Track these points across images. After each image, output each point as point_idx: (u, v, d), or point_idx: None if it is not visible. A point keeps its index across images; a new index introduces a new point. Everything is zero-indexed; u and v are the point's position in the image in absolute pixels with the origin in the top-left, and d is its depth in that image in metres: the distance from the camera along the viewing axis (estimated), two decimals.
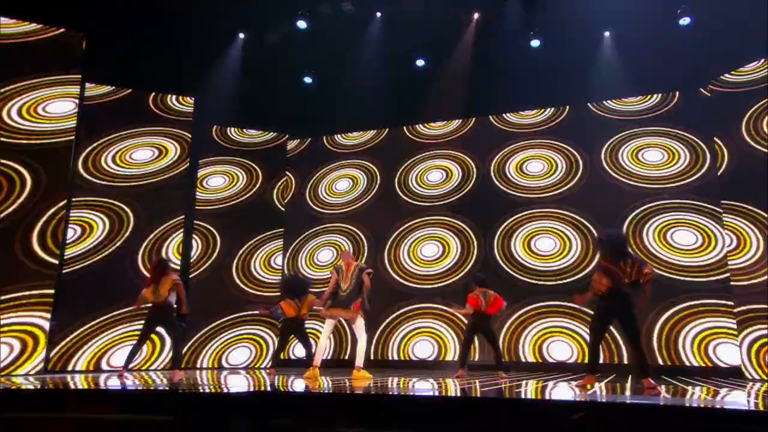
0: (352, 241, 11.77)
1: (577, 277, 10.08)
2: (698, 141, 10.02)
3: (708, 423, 3.08)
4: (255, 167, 11.63)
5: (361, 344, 6.35)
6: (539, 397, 4.33)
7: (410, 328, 10.88)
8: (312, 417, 3.52)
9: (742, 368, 8.32)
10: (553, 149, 11.12)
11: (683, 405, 3.49)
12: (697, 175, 9.84)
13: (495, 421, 3.35)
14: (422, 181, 11.82)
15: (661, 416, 3.18)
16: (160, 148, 10.01)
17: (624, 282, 5.25)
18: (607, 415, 3.25)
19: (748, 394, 5.16)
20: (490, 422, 3.34)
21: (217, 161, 11.41)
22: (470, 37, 11.42)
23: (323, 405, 3.74)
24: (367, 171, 12.28)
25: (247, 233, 11.21)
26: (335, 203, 12.23)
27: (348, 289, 6.30)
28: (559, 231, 10.52)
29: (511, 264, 10.57)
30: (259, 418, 3.52)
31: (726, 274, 8.94)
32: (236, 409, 3.61)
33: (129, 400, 4.16)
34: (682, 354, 9.18)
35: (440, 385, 5.61)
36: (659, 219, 9.86)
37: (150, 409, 3.75)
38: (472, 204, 11.26)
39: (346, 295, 6.33)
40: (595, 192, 10.48)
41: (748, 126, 8.84)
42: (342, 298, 6.37)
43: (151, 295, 6.63)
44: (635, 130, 10.54)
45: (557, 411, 3.49)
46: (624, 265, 5.28)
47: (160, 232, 9.61)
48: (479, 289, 7.50)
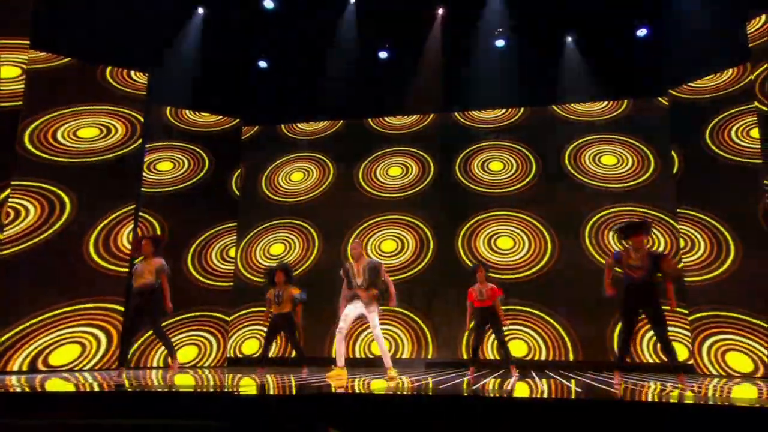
0: (302, 237, 11.32)
1: (531, 272, 10.24)
2: (655, 148, 10.40)
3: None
4: (208, 153, 10.93)
5: (381, 342, 6.00)
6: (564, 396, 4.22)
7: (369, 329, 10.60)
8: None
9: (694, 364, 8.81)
10: (512, 150, 11.22)
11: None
12: (652, 180, 10.23)
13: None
14: (383, 174, 11.57)
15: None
16: (108, 126, 9.12)
17: (631, 271, 5.39)
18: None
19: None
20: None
21: (169, 145, 10.60)
22: (437, 33, 11.33)
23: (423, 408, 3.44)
24: (323, 162, 11.87)
25: (198, 222, 10.50)
26: (292, 193, 11.72)
27: (363, 284, 5.90)
28: (516, 230, 10.63)
29: (473, 261, 10.56)
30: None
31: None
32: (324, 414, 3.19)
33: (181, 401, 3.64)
34: (641, 351, 9.52)
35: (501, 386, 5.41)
36: (617, 222, 10.19)
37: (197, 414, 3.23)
38: (430, 199, 11.16)
39: (361, 290, 5.91)
40: (553, 193, 10.67)
41: (704, 135, 9.33)
42: (358, 293, 5.93)
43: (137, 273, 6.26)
44: (596, 136, 10.84)
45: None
46: (634, 254, 5.42)
47: (107, 219, 8.75)
48: (480, 284, 7.36)
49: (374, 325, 5.90)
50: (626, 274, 5.56)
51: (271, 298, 7.65)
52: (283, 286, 7.66)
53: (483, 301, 7.17)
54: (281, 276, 7.67)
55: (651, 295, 5.41)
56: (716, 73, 9.47)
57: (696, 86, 9.72)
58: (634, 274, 5.46)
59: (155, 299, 6.29)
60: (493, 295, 7.20)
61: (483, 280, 7.32)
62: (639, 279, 5.42)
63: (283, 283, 7.67)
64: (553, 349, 9.89)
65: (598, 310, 9.66)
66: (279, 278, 7.66)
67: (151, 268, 6.32)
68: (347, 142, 11.96)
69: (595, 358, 9.62)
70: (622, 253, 5.65)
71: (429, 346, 10.41)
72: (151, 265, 6.37)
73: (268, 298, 7.69)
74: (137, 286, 6.34)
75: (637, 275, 5.43)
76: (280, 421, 3.54)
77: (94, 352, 8.27)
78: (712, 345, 8.68)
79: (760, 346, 8.20)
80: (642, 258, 5.47)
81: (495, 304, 7.22)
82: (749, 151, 8.79)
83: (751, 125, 8.82)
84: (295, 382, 5.48)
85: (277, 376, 6.58)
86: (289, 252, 11.25)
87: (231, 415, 3.72)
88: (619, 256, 5.68)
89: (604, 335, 9.64)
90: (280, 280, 7.66)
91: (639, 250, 5.52)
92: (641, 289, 5.42)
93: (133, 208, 8.99)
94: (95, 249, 8.53)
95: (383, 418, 3.46)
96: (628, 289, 5.54)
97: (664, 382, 6.22)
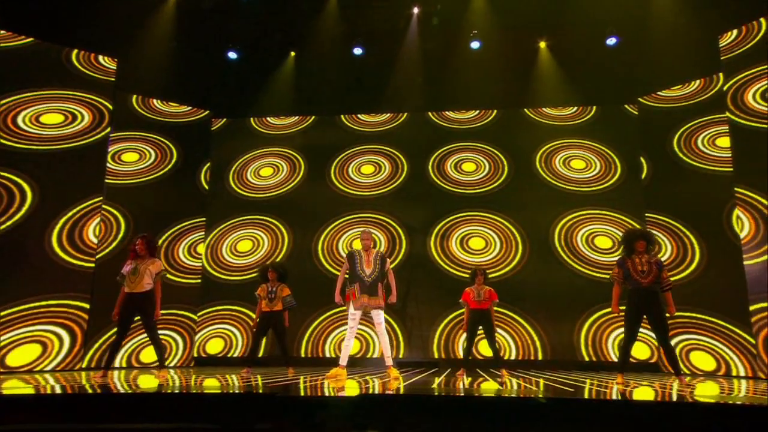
0: (271, 234, 11.06)
1: (502, 272, 10.37)
2: (625, 153, 10.70)
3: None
4: (176, 144, 10.51)
5: (386, 340, 5.88)
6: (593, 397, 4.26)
7: (341, 327, 10.49)
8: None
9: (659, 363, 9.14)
10: (485, 151, 11.32)
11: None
12: (621, 185, 10.53)
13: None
14: (355, 172, 11.45)
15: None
16: (74, 113, 8.61)
17: (639, 277, 5.52)
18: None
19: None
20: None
21: (135, 135, 10.12)
22: (413, 32, 11.29)
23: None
24: (293, 158, 11.63)
25: (166, 217, 10.09)
26: (261, 188, 11.43)
27: (372, 275, 5.77)
28: (487, 231, 10.74)
29: (446, 261, 10.60)
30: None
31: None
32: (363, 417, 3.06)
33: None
34: (606, 351, 9.79)
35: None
36: (588, 226, 10.45)
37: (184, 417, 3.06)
38: (403, 198, 11.12)
39: (371, 281, 5.79)
40: (524, 194, 10.83)
41: (672, 142, 9.69)
42: (367, 283, 5.80)
43: (129, 277, 5.79)
44: (568, 140, 11.07)
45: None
46: (639, 260, 5.55)
47: (72, 211, 8.26)
48: (477, 285, 7.35)
49: (379, 322, 5.81)
50: (633, 280, 5.66)
51: (262, 295, 7.42)
52: (276, 283, 7.48)
53: (480, 302, 7.19)
54: (274, 273, 7.49)
55: (656, 301, 5.55)
56: (685, 83, 9.86)
57: (665, 95, 10.09)
58: (642, 280, 5.59)
59: (152, 303, 5.89)
60: (490, 297, 7.23)
61: (481, 283, 7.33)
62: (646, 285, 5.56)
63: (276, 280, 7.47)
64: (523, 348, 10.04)
65: (568, 310, 9.91)
66: (272, 275, 7.48)
67: (149, 271, 5.90)
68: (319, 138, 11.76)
69: (564, 357, 9.84)
70: (626, 260, 5.77)
71: (400, 346, 10.37)
72: (147, 267, 5.93)
73: (259, 295, 7.46)
74: (134, 291, 5.83)
75: (646, 281, 5.57)
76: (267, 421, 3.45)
77: (56, 352, 7.79)
78: (677, 345, 9.01)
79: (723, 345, 8.58)
80: (649, 264, 5.62)
81: (491, 307, 7.26)
82: (715, 158, 9.19)
83: (718, 134, 9.22)
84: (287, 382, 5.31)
85: (266, 376, 6.38)
86: (257, 249, 10.97)
87: (218, 417, 3.61)
88: (623, 262, 5.81)
89: (572, 335, 9.86)
90: (273, 278, 7.48)
91: (643, 255, 5.66)
92: (647, 295, 5.56)
93: (100, 200, 8.51)
94: (59, 242, 8.04)
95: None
96: (633, 295, 5.67)
97: (662, 382, 6.39)
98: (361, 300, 5.76)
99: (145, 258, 5.99)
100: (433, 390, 4.42)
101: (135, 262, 5.95)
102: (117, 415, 3.81)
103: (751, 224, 7.67)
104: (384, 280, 5.95)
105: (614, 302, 5.94)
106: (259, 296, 7.50)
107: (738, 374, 8.32)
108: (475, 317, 7.23)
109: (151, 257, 6.02)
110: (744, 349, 8.34)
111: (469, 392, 4.09)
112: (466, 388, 4.80)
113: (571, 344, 9.85)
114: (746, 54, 8.12)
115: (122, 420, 3.72)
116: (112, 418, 3.77)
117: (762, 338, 7.46)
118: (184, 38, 10.18)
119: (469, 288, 7.40)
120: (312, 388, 4.37)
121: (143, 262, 5.95)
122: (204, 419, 3.55)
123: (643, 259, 5.68)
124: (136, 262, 5.94)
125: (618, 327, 9.71)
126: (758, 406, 3.00)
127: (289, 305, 7.45)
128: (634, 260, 5.71)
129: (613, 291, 5.94)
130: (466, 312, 7.37)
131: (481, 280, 7.30)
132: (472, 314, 7.26)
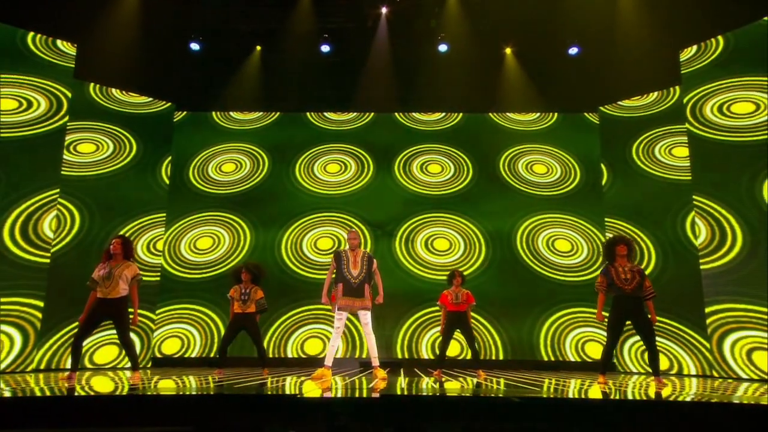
0: (232, 232, 10.81)
1: (466, 273, 10.51)
2: (586, 160, 11.06)
3: None
4: (135, 136, 10.08)
5: (373, 340, 5.82)
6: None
7: (306, 326, 10.36)
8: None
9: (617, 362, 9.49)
10: (450, 154, 11.44)
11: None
12: (581, 190, 10.87)
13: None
14: (321, 171, 11.32)
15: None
16: (29, 99, 8.12)
17: (622, 285, 5.70)
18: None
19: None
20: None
21: (93, 126, 9.64)
22: (382, 32, 11.28)
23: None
24: (256, 154, 11.40)
25: (124, 211, 9.66)
26: (223, 184, 11.13)
27: (360, 277, 5.67)
28: (451, 232, 10.86)
29: (411, 262, 10.64)
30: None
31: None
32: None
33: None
34: (565, 351, 10.07)
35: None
36: (549, 229, 10.72)
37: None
38: (368, 198, 11.10)
39: (358, 282, 5.69)
40: (487, 196, 11.02)
41: (631, 150, 10.10)
42: (354, 284, 5.70)
43: (102, 282, 5.41)
44: (531, 145, 11.32)
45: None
46: (622, 269, 5.72)
47: (27, 203, 7.79)
48: (455, 288, 7.35)
49: (366, 323, 5.75)
50: (617, 288, 5.79)
51: (235, 296, 7.17)
52: (250, 284, 7.23)
53: (458, 304, 7.21)
54: (248, 275, 7.22)
55: (639, 308, 5.70)
56: (644, 95, 10.29)
57: (625, 105, 10.50)
58: (625, 287, 5.71)
59: (125, 307, 5.53)
60: (467, 300, 7.28)
61: (459, 285, 7.36)
62: (630, 292, 5.69)
63: (249, 282, 7.23)
64: (484, 348, 10.20)
65: (528, 311, 10.16)
66: (246, 276, 7.21)
67: (124, 276, 5.50)
68: (284, 134, 11.58)
69: (523, 357, 10.07)
70: (610, 268, 5.90)
71: (363, 346, 10.33)
72: (122, 271, 5.53)
73: (232, 296, 7.21)
74: (108, 297, 5.42)
75: (629, 288, 5.70)
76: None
77: (5, 352, 7.31)
78: (632, 345, 9.39)
79: (676, 345, 8.99)
80: (632, 272, 5.76)
81: (468, 310, 7.32)
82: (672, 167, 9.64)
83: (674, 144, 9.67)
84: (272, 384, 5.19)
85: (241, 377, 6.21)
86: (217, 246, 10.68)
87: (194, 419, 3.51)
88: (606, 270, 5.92)
89: (532, 335, 10.10)
90: (247, 279, 7.22)
91: (626, 263, 5.81)
92: (630, 302, 5.69)
93: (56, 192, 8.06)
94: (11, 236, 7.56)
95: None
96: (617, 302, 5.79)
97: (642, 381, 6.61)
98: (345, 301, 5.71)
99: (120, 261, 5.58)
100: (462, 391, 4.41)
101: (109, 265, 5.53)
102: (95, 418, 3.63)
103: (708, 230, 8.08)
104: (371, 281, 5.91)
105: (599, 310, 6.05)
106: (231, 298, 7.23)
107: (689, 373, 8.75)
108: (452, 319, 7.26)
109: (126, 260, 5.62)
110: (695, 349, 8.77)
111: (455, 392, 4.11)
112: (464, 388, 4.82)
113: (530, 344, 10.09)
114: (705, 69, 8.56)
115: (99, 424, 3.54)
116: (85, 422, 3.58)
117: (716, 339, 7.87)
118: (147, 25, 9.78)
119: (446, 290, 7.42)
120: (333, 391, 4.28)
121: (118, 266, 5.54)
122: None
123: (626, 267, 5.83)
124: (110, 266, 5.52)
125: (576, 328, 10.03)
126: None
127: (262, 308, 7.22)
128: (617, 268, 5.85)
129: (598, 299, 6.05)
130: (443, 314, 7.39)
131: (459, 282, 7.34)
132: (449, 316, 7.28)
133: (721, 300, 7.82)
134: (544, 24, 10.59)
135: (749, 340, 7.53)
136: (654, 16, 9.26)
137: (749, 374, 7.52)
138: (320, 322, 10.33)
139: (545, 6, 10.14)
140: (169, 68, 10.63)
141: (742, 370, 7.61)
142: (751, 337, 7.52)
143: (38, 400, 3.76)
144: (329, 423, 3.27)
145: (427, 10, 10.90)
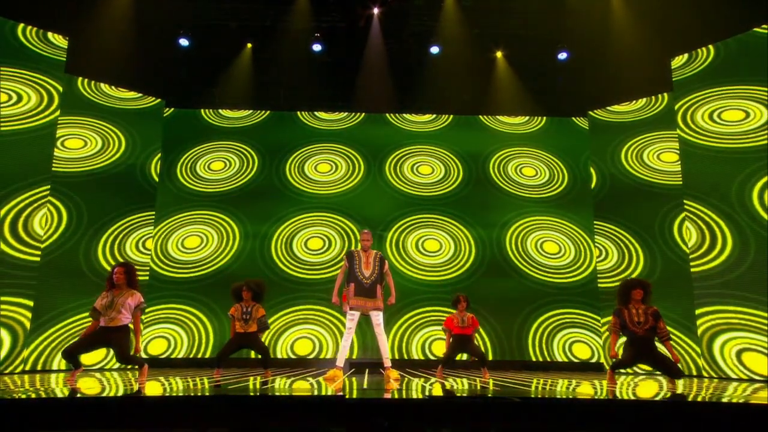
0: (220, 231, 10.68)
1: (455, 274, 10.60)
2: (575, 163, 11.24)
3: None
4: (125, 133, 9.88)
5: (385, 341, 5.79)
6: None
7: (295, 327, 10.29)
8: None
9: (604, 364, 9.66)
10: (440, 155, 11.49)
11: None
12: (571, 193, 11.03)
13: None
14: (311, 170, 11.26)
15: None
16: (19, 93, 7.89)
17: (634, 328, 5.72)
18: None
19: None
20: None
21: (82, 121, 9.41)
22: (375, 33, 11.27)
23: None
24: (246, 152, 11.28)
25: (113, 209, 9.46)
26: (212, 183, 10.98)
27: (372, 277, 5.63)
28: (441, 233, 10.90)
29: (402, 263, 10.66)
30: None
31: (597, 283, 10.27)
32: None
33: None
34: (552, 352, 10.21)
35: None
36: (538, 231, 10.85)
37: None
38: (359, 199, 11.09)
39: (370, 282, 5.65)
40: (477, 198, 11.10)
41: (620, 155, 10.29)
42: (366, 285, 5.66)
43: (105, 311, 5.25)
44: (521, 148, 11.46)
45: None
46: (636, 311, 5.77)
47: (16, 200, 7.57)
48: (460, 312, 7.32)
49: (378, 323, 5.73)
50: (629, 331, 5.77)
51: (236, 316, 6.85)
52: (251, 302, 6.92)
53: (464, 328, 7.23)
54: (249, 293, 6.90)
55: (652, 348, 5.70)
56: (633, 100, 10.50)
57: (614, 110, 10.69)
58: (637, 330, 5.70)
59: (128, 338, 5.36)
60: (473, 323, 7.32)
61: (464, 309, 7.35)
62: (643, 333, 5.68)
63: (251, 299, 6.92)
64: None
65: (517, 312, 10.28)
66: (247, 295, 6.89)
67: (127, 304, 5.31)
68: (274, 133, 11.49)
69: (513, 357, 10.17)
70: (623, 310, 5.87)
71: (354, 347, 10.30)
72: (126, 299, 5.34)
73: (232, 315, 6.89)
74: (108, 325, 5.23)
75: (641, 331, 5.69)
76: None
77: None
78: (620, 346, 9.54)
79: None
80: (645, 314, 5.74)
81: (474, 333, 7.36)
82: (662, 172, 9.85)
83: (662, 149, 9.90)
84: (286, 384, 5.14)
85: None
86: (204, 246, 10.54)
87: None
88: (619, 312, 5.90)
89: (521, 336, 10.21)
90: (248, 297, 6.90)
91: (639, 305, 5.80)
92: (643, 343, 5.69)
93: (47, 189, 7.86)
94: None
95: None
96: (630, 344, 5.78)
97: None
98: (356, 301, 5.69)
99: (123, 289, 5.40)
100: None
101: (111, 293, 5.35)
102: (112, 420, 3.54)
103: (698, 234, 8.28)
104: (383, 281, 5.89)
105: (611, 349, 5.99)
106: (232, 317, 6.92)
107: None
108: (458, 343, 7.27)
109: (129, 288, 5.43)
110: (685, 351, 8.98)
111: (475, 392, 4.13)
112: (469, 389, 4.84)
113: (519, 345, 10.20)
114: (696, 76, 8.78)
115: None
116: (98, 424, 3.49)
117: (705, 340, 8.07)
118: (139, 20, 9.60)
119: (451, 315, 7.39)
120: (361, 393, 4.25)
121: (121, 294, 5.36)
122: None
123: (640, 309, 5.79)
124: (112, 294, 5.34)
125: (564, 329, 10.20)
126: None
127: (263, 326, 6.91)
128: (630, 310, 5.81)
129: (611, 339, 6.03)
130: (448, 337, 7.38)
131: (463, 307, 7.35)
132: (455, 339, 7.26)
133: (711, 302, 8.02)
134: (535, 28, 10.74)
135: (739, 341, 7.74)
136: (645, 23, 9.45)
137: (738, 374, 7.73)
138: (311, 323, 10.28)
139: (537, 11, 10.27)
140: (160, 64, 10.45)
141: (731, 370, 7.81)
142: (740, 338, 7.73)
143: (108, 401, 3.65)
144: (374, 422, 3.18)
145: (418, 12, 10.94)
